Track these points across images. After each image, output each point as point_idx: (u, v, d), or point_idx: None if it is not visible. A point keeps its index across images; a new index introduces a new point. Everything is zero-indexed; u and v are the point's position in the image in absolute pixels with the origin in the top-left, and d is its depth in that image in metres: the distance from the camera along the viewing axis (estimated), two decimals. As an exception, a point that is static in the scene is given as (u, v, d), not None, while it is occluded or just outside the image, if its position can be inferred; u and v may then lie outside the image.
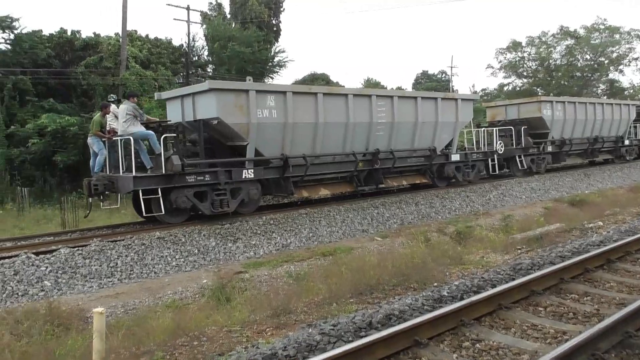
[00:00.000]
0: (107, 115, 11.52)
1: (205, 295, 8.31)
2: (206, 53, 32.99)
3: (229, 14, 35.47)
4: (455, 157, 16.31)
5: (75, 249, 9.23)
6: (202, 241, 10.36)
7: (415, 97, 14.92)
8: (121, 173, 10.53)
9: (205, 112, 11.24)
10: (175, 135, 11.13)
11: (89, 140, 11.52)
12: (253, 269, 9.50)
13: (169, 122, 11.77)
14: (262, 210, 12.82)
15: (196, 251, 10.09)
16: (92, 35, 25.22)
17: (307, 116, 12.24)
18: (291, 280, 8.80)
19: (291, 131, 11.95)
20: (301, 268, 9.42)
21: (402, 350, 4.39)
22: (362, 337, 4.49)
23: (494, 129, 18.47)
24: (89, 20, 60.16)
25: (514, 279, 6.25)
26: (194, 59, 30.25)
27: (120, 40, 24.14)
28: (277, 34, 36.39)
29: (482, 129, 18.60)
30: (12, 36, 22.54)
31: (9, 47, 22.44)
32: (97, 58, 23.94)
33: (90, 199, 11.09)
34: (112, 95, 13.14)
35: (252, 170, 11.63)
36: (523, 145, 19.27)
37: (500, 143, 18.01)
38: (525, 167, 19.31)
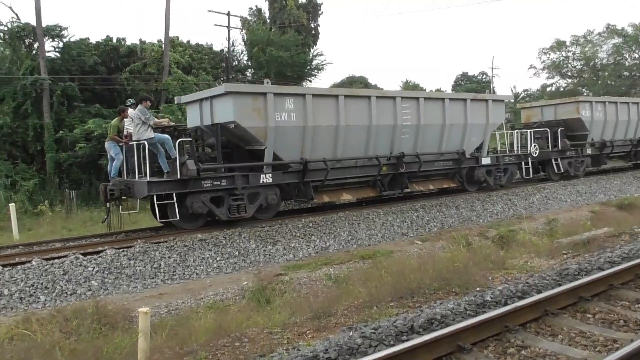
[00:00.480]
0: (125, 120, 11.59)
1: (246, 296, 8.40)
2: (245, 57, 33.44)
3: (268, 18, 35.87)
4: (485, 161, 15.69)
5: (121, 250, 9.50)
6: (243, 243, 10.48)
7: (443, 99, 14.39)
8: (137, 178, 10.53)
9: (223, 115, 11.08)
10: (190, 139, 10.96)
11: (106, 144, 11.60)
12: (292, 271, 9.54)
13: (184, 126, 11.70)
14: (302, 214, 12.87)
15: (237, 253, 10.22)
16: (136, 43, 25.95)
17: (328, 119, 11.96)
18: (330, 283, 8.80)
19: (311, 135, 11.69)
20: (340, 271, 9.41)
21: (444, 355, 4.33)
22: (403, 341, 4.44)
23: (528, 131, 17.73)
24: (134, 28, 62.08)
25: (560, 285, 6.07)
26: (233, 63, 30.70)
27: (163, 46, 24.73)
28: (315, 37, 36.57)
29: (515, 131, 17.89)
30: (61, 44, 23.45)
31: (58, 55, 23.34)
32: (140, 64, 24.61)
33: (108, 204, 11.11)
34: (129, 99, 13.19)
35: (270, 175, 11.42)
36: (560, 147, 18.38)
37: (534, 146, 17.31)
38: (562, 170, 18.51)
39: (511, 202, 15.60)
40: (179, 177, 10.32)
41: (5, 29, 22.20)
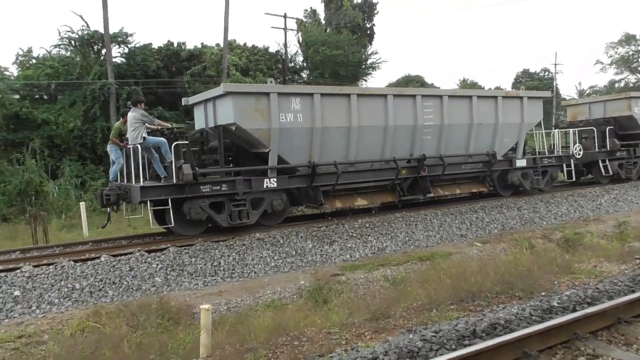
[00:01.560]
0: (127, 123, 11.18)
1: (303, 296, 8.44)
2: (301, 58, 33.75)
3: (324, 19, 36.05)
4: (520, 163, 14.54)
5: (182, 248, 9.79)
6: (300, 243, 10.56)
7: (470, 96, 13.41)
8: (133, 182, 10.13)
9: (224, 117, 10.66)
10: (187, 142, 10.48)
11: (108, 148, 11.35)
12: (349, 271, 9.52)
13: (181, 129, 11.33)
14: (358, 214, 12.81)
15: (294, 253, 10.31)
16: (197, 46, 26.76)
17: (339, 120, 11.29)
18: (388, 285, 8.70)
19: (320, 136, 11.07)
20: (398, 272, 9.30)
21: (509, 362, 4.18)
22: (466, 345, 4.33)
23: (570, 130, 16.49)
24: (194, 33, 63.98)
25: (634, 291, 5.73)
26: (289, 64, 31.05)
27: (222, 49, 25.33)
28: (370, 37, 36.45)
29: (556, 130, 16.68)
30: (126, 50, 24.50)
31: (124, 60, 24.40)
32: (200, 67, 25.36)
33: (109, 210, 10.85)
34: (130, 102, 12.97)
35: (275, 179, 10.86)
36: (608, 148, 17.02)
37: (577, 146, 16.03)
38: (611, 173, 17.09)
39: (577, 204, 14.92)
40: (174, 182, 9.92)
41: (77, 36, 23.42)
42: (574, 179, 16.37)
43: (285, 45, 30.33)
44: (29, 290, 8.02)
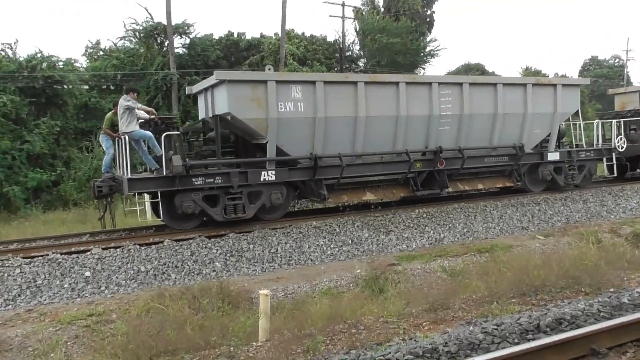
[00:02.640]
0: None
1: (359, 284, 8.47)
2: (357, 47, 33.53)
3: (382, 7, 35.61)
4: (553, 156, 13.41)
5: (241, 234, 10.01)
6: (356, 232, 10.56)
7: (495, 84, 12.32)
8: (124, 174, 9.75)
9: (220, 106, 10.22)
10: (178, 133, 10.18)
11: (100, 138, 11.17)
12: (406, 261, 9.44)
13: (172, 119, 10.97)
14: (415, 204, 12.65)
15: (350, 241, 10.32)
16: (255, 37, 27.13)
17: (344, 109, 10.63)
18: (445, 276, 8.59)
19: (323, 127, 10.45)
20: (456, 263, 9.15)
21: (576, 358, 4.03)
22: (529, 340, 4.20)
23: (613, 121, 14.98)
24: (253, 23, 64.87)
25: None
26: (347, 53, 30.93)
27: (280, 39, 25.55)
28: (430, 24, 35.68)
29: (598, 121, 15.15)
30: (188, 41, 25.16)
31: (185, 51, 25.07)
32: (259, 57, 25.70)
33: (105, 201, 10.62)
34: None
35: (273, 172, 10.34)
36: None
37: (620, 138, 14.54)
38: None
39: (649, 197, 14.10)
40: (164, 174, 9.62)
41: (141, 28, 24.26)
42: (615, 174, 14.99)
43: (342, 33, 30.23)
44: (98, 271, 8.45)
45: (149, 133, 10.03)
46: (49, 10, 56.86)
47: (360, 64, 32.54)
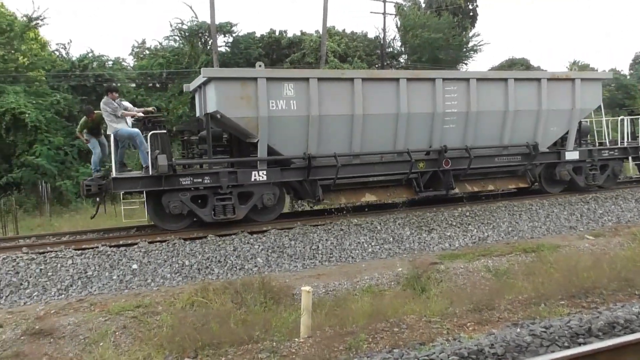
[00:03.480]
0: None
1: (401, 283, 8.40)
2: (398, 43, 33.20)
3: (424, 2, 35.11)
4: (571, 155, 12.59)
5: (283, 231, 10.07)
6: (397, 230, 10.47)
7: (505, 79, 11.61)
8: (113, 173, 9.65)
9: (210, 104, 9.93)
10: (165, 131, 9.85)
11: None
12: (448, 260, 9.30)
13: (158, 117, 10.68)
14: (457, 202, 12.44)
15: (391, 239, 10.24)
16: (296, 34, 27.24)
17: (340, 107, 10.22)
18: (490, 275, 8.42)
19: (316, 126, 10.06)
20: (500, 263, 8.95)
21: (630, 365, 3.87)
22: (580, 344, 4.06)
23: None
24: (294, 20, 65.17)
25: None
26: (387, 49, 30.67)
27: (321, 36, 25.58)
28: (473, 18, 34.94)
29: (624, 118, 14.26)
30: (231, 39, 25.54)
31: (228, 49, 25.43)
32: (300, 54, 25.81)
33: (97, 199, 10.47)
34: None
35: (265, 172, 10.02)
36: None
37: None
38: None
39: None
40: (150, 173, 9.40)
41: (186, 28, 24.76)
42: None
43: (384, 29, 29.98)
44: (145, 264, 8.68)
45: (135, 130, 9.92)
46: (99, 11, 58.77)
47: (401, 60, 32.19)
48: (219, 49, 24.50)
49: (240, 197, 10.04)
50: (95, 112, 10.43)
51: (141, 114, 10.34)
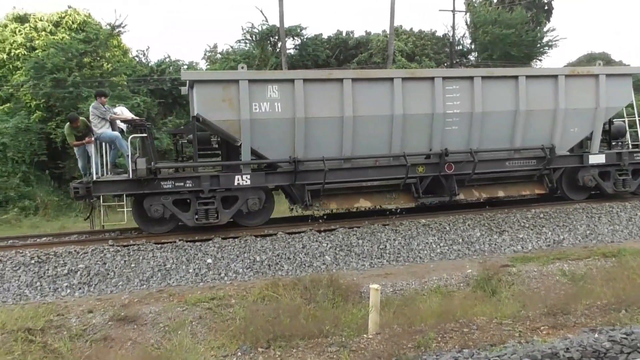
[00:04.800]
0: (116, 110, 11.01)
1: (470, 284, 8.29)
2: (468, 41, 32.47)
3: (496, -2, 34.12)
4: (596, 159, 11.44)
5: (351, 229, 10.18)
6: (467, 231, 10.30)
7: (515, 77, 10.70)
8: (95, 176, 9.53)
9: (195, 107, 9.73)
10: (145, 135, 9.80)
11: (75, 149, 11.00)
12: (520, 263, 9.05)
13: (140, 120, 10.59)
14: (530, 204, 12.03)
15: (460, 240, 10.10)
16: (363, 34, 27.32)
17: (327, 109, 9.77)
18: (565, 280, 8.14)
19: (302, 128, 9.67)
20: (577, 267, 8.62)
21: None
22: (664, 352, 3.89)
23: None
24: (361, 21, 65.27)
25: None
26: (457, 47, 30.09)
27: (388, 36, 25.50)
28: (548, 12, 33.55)
29: None
30: (299, 42, 25.98)
31: (296, 51, 25.91)
32: (367, 55, 25.87)
33: (91, 201, 10.37)
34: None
35: (248, 176, 9.73)
36: None
37: None
38: None
39: None
40: (130, 177, 9.33)
41: (257, 31, 25.48)
42: None
43: (453, 27, 29.43)
44: (218, 259, 9.07)
45: (115, 133, 10.05)
46: (175, 17, 61.47)
47: (471, 58, 31.47)
48: (288, 51, 25.00)
49: (225, 201, 9.83)
50: (80, 118, 10.72)
51: (131, 117, 10.59)
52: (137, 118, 10.82)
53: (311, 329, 5.60)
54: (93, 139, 9.99)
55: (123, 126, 10.67)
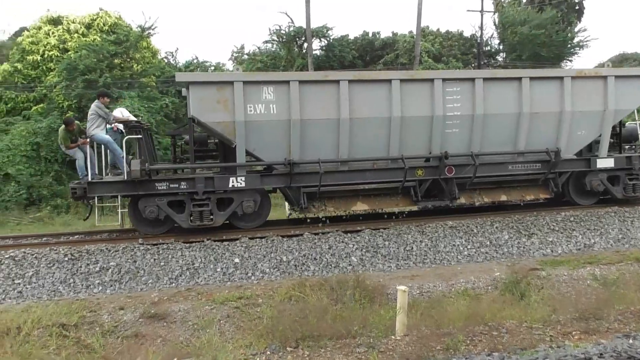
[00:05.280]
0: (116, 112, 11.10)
1: (498, 288, 8.20)
2: (497, 41, 32.05)
3: (525, -2, 33.61)
4: (604, 163, 11.17)
5: (377, 231, 10.16)
6: (495, 233, 10.19)
7: (519, 78, 10.47)
8: (89, 177, 9.72)
9: (190, 108, 9.71)
10: (140, 136, 9.80)
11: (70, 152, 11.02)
12: (550, 267, 8.92)
13: (135, 122, 10.50)
14: (561, 207, 11.83)
15: (488, 243, 9.99)
16: (390, 35, 27.25)
17: (324, 111, 9.68)
18: (597, 284, 7.98)
19: (298, 130, 9.61)
20: (609, 272, 8.45)
21: None
22: (703, 360, 3.79)
23: None
24: (387, 21, 65.07)
25: None
26: (485, 48, 29.74)
27: (415, 36, 25.37)
28: (579, 12, 32.90)
29: None
30: (325, 43, 26.03)
31: (323, 52, 25.97)
32: (393, 55, 25.78)
33: (90, 202, 10.38)
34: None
35: (243, 178, 9.71)
36: None
37: None
38: None
39: None
40: (125, 178, 9.43)
41: (284, 33, 25.62)
42: None
43: (481, 27, 29.10)
44: (246, 259, 9.16)
45: (107, 137, 10.17)
46: (203, 18, 62.27)
47: (499, 59, 31.06)
48: (315, 52, 25.08)
49: (220, 203, 9.84)
50: (76, 122, 10.82)
51: (131, 118, 10.71)
52: (134, 119, 10.93)
53: (339, 330, 5.62)
54: (87, 140, 10.18)
55: (121, 127, 10.80)
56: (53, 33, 20.88)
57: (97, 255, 8.86)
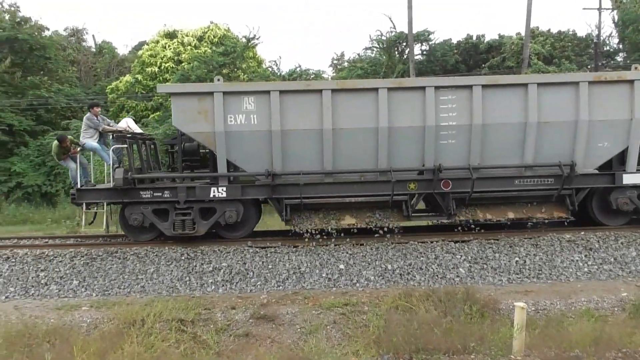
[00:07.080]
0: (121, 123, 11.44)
1: (627, 310, 7.50)
2: (615, 40, 29.66)
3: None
4: (633, 179, 9.73)
5: (486, 242, 9.73)
6: (620, 250, 9.35)
7: (525, 84, 9.43)
8: (79, 185, 10.06)
9: (173, 119, 9.80)
10: (126, 145, 10.02)
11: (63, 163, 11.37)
12: (688, 289, 8.01)
13: (122, 132, 10.62)
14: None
15: (612, 260, 9.19)
16: (495, 38, 26.18)
17: (305, 121, 9.37)
18: None
19: (279, 141, 9.35)
20: None
21: None
22: None
23: None
24: (493, 24, 62.74)
25: None
26: (603, 48, 27.63)
27: (524, 38, 24.17)
28: None
29: None
30: (427, 47, 25.60)
31: (424, 57, 25.55)
32: (499, 59, 24.72)
33: (94, 208, 10.58)
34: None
35: (225, 189, 9.57)
36: None
37: None
38: None
39: None
40: (111, 186, 9.63)
41: (384, 38, 25.55)
42: None
43: (598, 26, 27.07)
44: (350, 265, 9.15)
45: (96, 145, 10.52)
46: (307, 26, 63.91)
47: (618, 59, 28.71)
48: (416, 57, 24.72)
49: (204, 212, 9.83)
50: (69, 137, 11.09)
51: (136, 130, 11.08)
52: (139, 130, 11.39)
53: (454, 344, 5.41)
54: (79, 149, 10.73)
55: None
56: (169, 46, 22.44)
57: (210, 255, 9.31)
